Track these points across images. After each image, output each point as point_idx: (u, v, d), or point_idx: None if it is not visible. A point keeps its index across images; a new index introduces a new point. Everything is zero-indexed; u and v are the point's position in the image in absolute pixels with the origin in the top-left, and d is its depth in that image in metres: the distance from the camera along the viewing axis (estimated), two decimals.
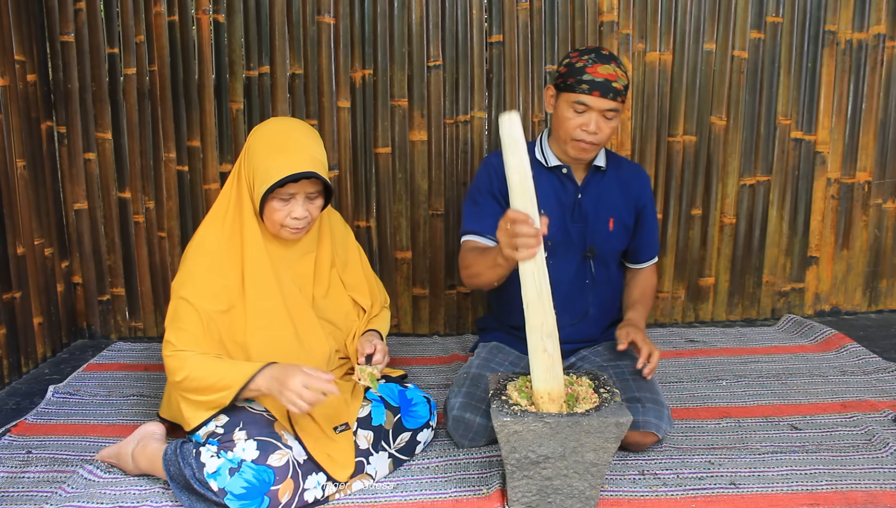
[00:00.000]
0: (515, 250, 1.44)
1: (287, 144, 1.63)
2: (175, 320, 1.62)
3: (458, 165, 2.68)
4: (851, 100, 2.77)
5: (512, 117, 1.41)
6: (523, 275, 1.46)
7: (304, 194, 1.64)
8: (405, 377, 1.92)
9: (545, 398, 1.49)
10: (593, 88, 1.78)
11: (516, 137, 1.41)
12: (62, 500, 1.58)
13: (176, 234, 2.71)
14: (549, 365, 1.48)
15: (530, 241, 1.42)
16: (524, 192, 1.43)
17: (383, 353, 1.75)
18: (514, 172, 1.43)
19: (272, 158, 1.60)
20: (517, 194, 1.44)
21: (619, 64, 1.82)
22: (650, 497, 1.60)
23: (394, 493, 1.63)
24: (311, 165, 1.60)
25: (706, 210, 2.79)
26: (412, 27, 2.59)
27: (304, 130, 1.70)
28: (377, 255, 2.73)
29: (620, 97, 1.81)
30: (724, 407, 2.07)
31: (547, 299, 1.46)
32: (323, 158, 1.67)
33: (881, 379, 2.22)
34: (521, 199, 1.44)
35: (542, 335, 1.47)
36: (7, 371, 2.32)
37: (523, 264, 1.45)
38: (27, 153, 2.44)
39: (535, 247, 1.43)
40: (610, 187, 1.99)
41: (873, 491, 1.60)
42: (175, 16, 2.57)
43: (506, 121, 1.41)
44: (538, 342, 1.47)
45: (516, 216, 1.43)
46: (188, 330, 1.60)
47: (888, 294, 2.93)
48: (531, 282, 1.45)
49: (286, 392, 1.47)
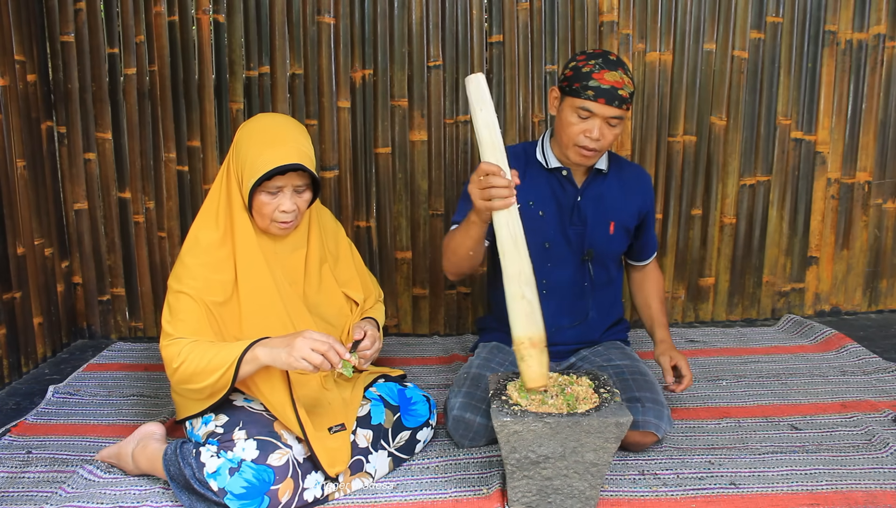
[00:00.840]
0: (489, 200, 1.48)
1: (274, 138, 1.63)
2: (172, 311, 1.62)
3: (458, 165, 2.68)
4: (851, 100, 2.77)
5: (479, 77, 1.50)
6: (497, 225, 1.50)
7: (291, 188, 1.64)
8: (405, 378, 1.92)
9: (526, 344, 1.48)
10: (599, 94, 1.76)
11: (483, 95, 1.49)
12: (62, 500, 1.58)
13: (176, 234, 2.71)
14: (528, 312, 1.48)
15: (503, 191, 1.47)
16: (493, 145, 1.50)
17: (373, 339, 1.74)
18: (483, 128, 1.49)
19: (260, 151, 1.61)
20: (487, 148, 1.50)
21: (626, 71, 1.79)
22: (650, 497, 1.60)
23: (394, 493, 1.63)
24: (297, 157, 1.61)
25: (706, 210, 2.79)
26: (412, 27, 2.59)
27: (292, 124, 1.71)
28: (377, 255, 2.73)
29: (626, 105, 1.78)
30: (724, 407, 2.07)
31: (522, 247, 1.49)
32: (310, 151, 1.67)
33: (881, 379, 2.22)
34: (492, 152, 1.50)
35: (519, 282, 1.48)
36: (7, 371, 2.32)
37: (497, 214, 1.49)
38: (27, 153, 2.44)
39: (508, 197, 1.47)
40: (610, 190, 1.98)
41: (873, 491, 1.60)
42: (175, 16, 2.57)
43: (472, 80, 1.49)
44: (516, 290, 1.48)
45: (489, 169, 1.49)
46: (186, 320, 1.60)
47: (888, 294, 2.93)
48: (506, 231, 1.49)
49: (294, 353, 1.46)
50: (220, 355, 1.52)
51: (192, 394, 1.62)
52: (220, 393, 1.55)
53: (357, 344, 1.71)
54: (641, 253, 2.11)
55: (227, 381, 1.52)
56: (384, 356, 2.51)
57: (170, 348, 1.57)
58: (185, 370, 1.54)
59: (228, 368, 1.51)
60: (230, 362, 1.51)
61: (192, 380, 1.55)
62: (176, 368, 1.55)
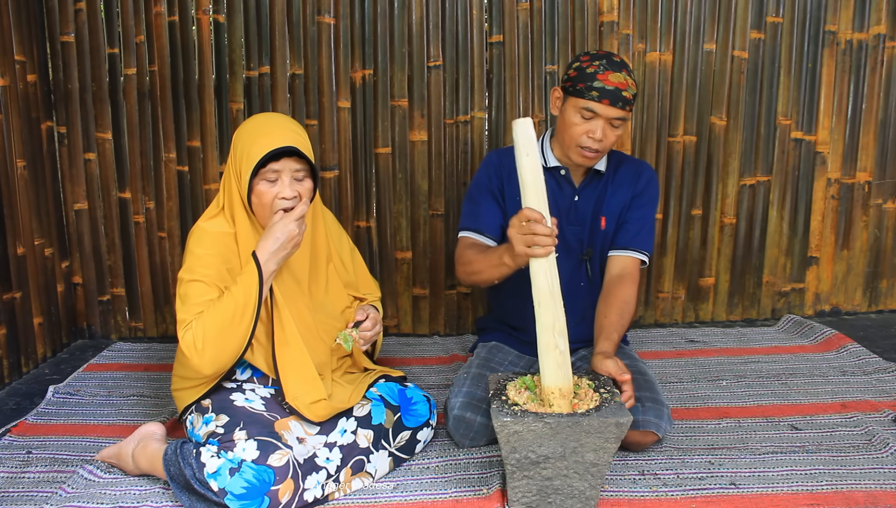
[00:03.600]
0: (529, 247, 1.47)
1: (267, 128, 1.65)
2: (183, 299, 1.61)
3: (458, 165, 2.68)
4: (851, 100, 2.77)
5: (526, 122, 1.48)
6: (535, 274, 1.48)
7: (289, 173, 1.64)
8: (405, 379, 1.92)
9: (556, 394, 1.49)
10: (603, 95, 1.76)
11: (530, 140, 1.47)
12: (62, 500, 1.58)
13: (176, 234, 2.70)
14: (560, 362, 1.49)
15: (545, 240, 1.45)
16: (537, 191, 1.48)
17: (374, 321, 1.78)
18: (527, 173, 1.47)
19: (254, 141, 1.63)
20: (531, 193, 1.48)
21: (629, 72, 1.80)
22: (650, 497, 1.60)
23: (394, 493, 1.63)
24: (291, 141, 1.62)
25: (706, 210, 2.79)
26: (412, 27, 2.59)
27: (285, 118, 1.75)
28: (377, 255, 2.73)
29: (629, 106, 1.79)
30: (724, 407, 2.07)
31: (558, 297, 1.48)
32: (305, 139, 1.68)
33: (881, 379, 2.22)
34: (535, 198, 1.48)
35: (553, 332, 1.48)
36: (7, 371, 2.32)
37: (535, 262, 1.48)
38: (27, 153, 2.44)
39: (550, 246, 1.46)
40: (609, 190, 1.98)
41: (873, 491, 1.60)
42: (175, 16, 2.57)
43: (520, 124, 1.48)
44: (550, 340, 1.48)
45: (532, 215, 1.47)
46: (199, 303, 1.59)
47: (888, 294, 2.93)
48: (543, 280, 1.47)
49: (286, 230, 1.59)
50: (239, 297, 1.57)
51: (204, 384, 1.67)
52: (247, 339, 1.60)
53: (359, 324, 1.75)
54: (617, 239, 1.94)
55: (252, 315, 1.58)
56: (384, 355, 2.51)
57: (186, 336, 1.56)
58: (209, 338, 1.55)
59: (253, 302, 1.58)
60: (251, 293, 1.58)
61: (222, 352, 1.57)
62: (201, 349, 1.55)
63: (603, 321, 1.80)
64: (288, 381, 1.65)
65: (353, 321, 1.78)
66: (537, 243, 1.46)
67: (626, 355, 1.95)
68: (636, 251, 1.93)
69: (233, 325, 1.56)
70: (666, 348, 2.58)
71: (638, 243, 1.93)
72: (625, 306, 1.82)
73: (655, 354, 2.51)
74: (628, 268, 1.91)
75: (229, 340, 1.56)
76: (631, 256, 1.93)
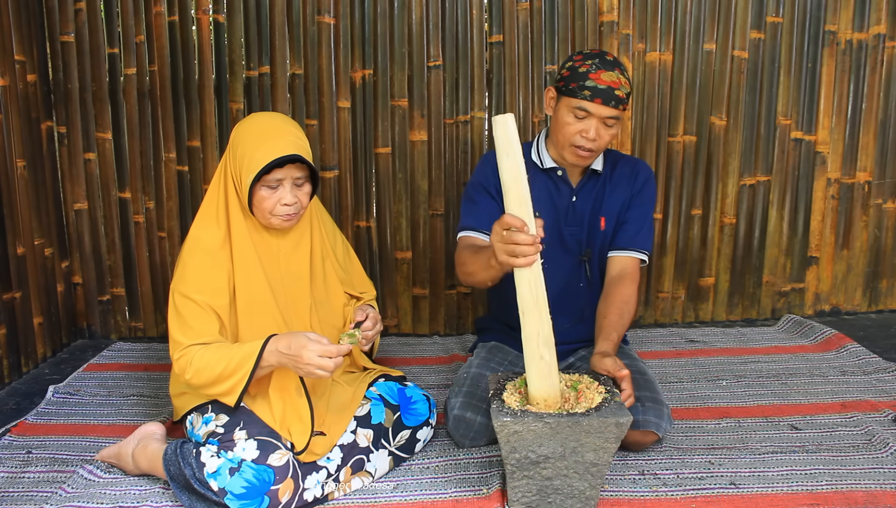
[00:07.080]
0: (512, 257, 1.39)
1: (269, 133, 1.64)
2: (177, 316, 1.62)
3: (458, 165, 2.68)
4: (851, 100, 2.77)
5: (507, 119, 1.37)
6: (519, 282, 1.42)
7: (291, 180, 1.64)
8: (404, 379, 1.92)
9: (541, 405, 1.48)
10: (595, 94, 1.75)
11: (511, 139, 1.36)
12: (62, 500, 1.58)
13: (176, 234, 2.70)
14: (545, 372, 1.47)
15: (527, 250, 1.37)
16: (519, 196, 1.38)
17: (374, 321, 1.77)
18: (508, 176, 1.37)
19: (256, 146, 1.62)
20: (512, 198, 1.38)
21: (622, 71, 1.79)
22: (650, 497, 1.60)
23: (394, 493, 1.63)
24: (294, 148, 1.61)
25: (706, 210, 2.79)
26: (412, 27, 2.59)
27: (286, 119, 1.73)
28: (377, 255, 2.73)
29: (622, 105, 1.78)
30: (724, 407, 2.07)
31: (543, 307, 1.43)
32: (306, 144, 1.68)
33: (881, 379, 2.22)
34: (517, 203, 1.38)
35: (538, 342, 1.45)
36: (7, 371, 2.32)
37: (519, 271, 1.41)
38: (27, 153, 2.44)
39: (532, 255, 1.38)
40: (607, 189, 1.97)
41: (873, 491, 1.60)
42: (175, 16, 2.57)
43: (500, 122, 1.37)
44: (535, 350, 1.45)
45: (513, 222, 1.39)
46: (194, 326, 1.60)
47: (888, 294, 2.93)
48: (527, 290, 1.42)
49: (303, 367, 1.48)
50: (231, 364, 1.54)
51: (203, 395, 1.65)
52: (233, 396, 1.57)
53: (360, 325, 1.75)
54: (616, 239, 1.95)
55: (239, 391, 1.54)
56: (384, 355, 2.51)
57: (181, 360, 1.58)
58: (198, 382, 1.57)
59: (241, 377, 1.53)
60: (242, 369, 1.53)
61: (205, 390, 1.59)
62: (188, 380, 1.57)
63: (602, 321, 1.80)
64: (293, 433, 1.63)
65: (354, 320, 1.78)
66: (519, 254, 1.38)
67: (626, 355, 1.95)
68: (636, 251, 1.93)
69: (220, 382, 1.56)
70: (666, 348, 2.58)
71: (637, 242, 1.94)
72: (624, 306, 1.81)
73: (655, 354, 2.51)
74: (628, 268, 1.91)
75: (219, 389, 1.57)
76: (631, 256, 1.93)
